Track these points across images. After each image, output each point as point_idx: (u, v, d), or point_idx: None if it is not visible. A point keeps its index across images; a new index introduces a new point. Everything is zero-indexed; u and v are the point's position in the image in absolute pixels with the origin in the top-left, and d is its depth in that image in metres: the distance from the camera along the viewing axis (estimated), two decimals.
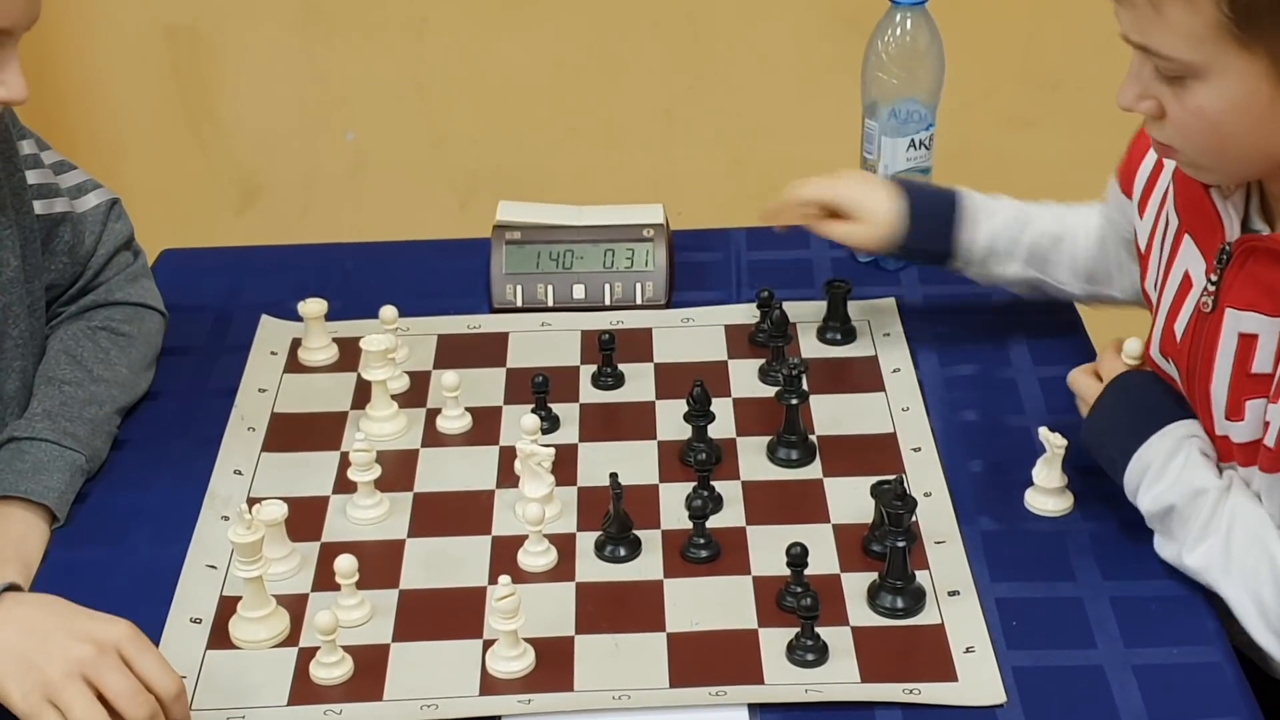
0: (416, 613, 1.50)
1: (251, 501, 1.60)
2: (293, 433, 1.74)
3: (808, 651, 1.43)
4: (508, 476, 1.67)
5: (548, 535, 1.56)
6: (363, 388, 1.79)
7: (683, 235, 2.03)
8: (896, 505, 1.50)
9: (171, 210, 2.99)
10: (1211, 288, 1.49)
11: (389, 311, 1.84)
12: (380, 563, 1.56)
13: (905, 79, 1.91)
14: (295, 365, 1.85)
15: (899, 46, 1.90)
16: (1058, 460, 1.59)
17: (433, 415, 1.76)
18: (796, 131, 3.08)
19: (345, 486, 1.64)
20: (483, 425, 1.75)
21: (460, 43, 3.05)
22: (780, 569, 1.49)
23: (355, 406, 1.78)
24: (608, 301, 1.94)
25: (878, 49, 1.91)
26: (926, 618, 1.48)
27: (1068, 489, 1.60)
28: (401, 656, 1.46)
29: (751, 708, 1.39)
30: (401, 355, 1.84)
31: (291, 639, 1.48)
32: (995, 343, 1.85)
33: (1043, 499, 1.60)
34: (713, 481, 1.60)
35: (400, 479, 1.67)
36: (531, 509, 1.54)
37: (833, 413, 1.74)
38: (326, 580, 1.51)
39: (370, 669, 1.44)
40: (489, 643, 1.45)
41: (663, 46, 3.04)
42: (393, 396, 1.76)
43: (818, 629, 1.43)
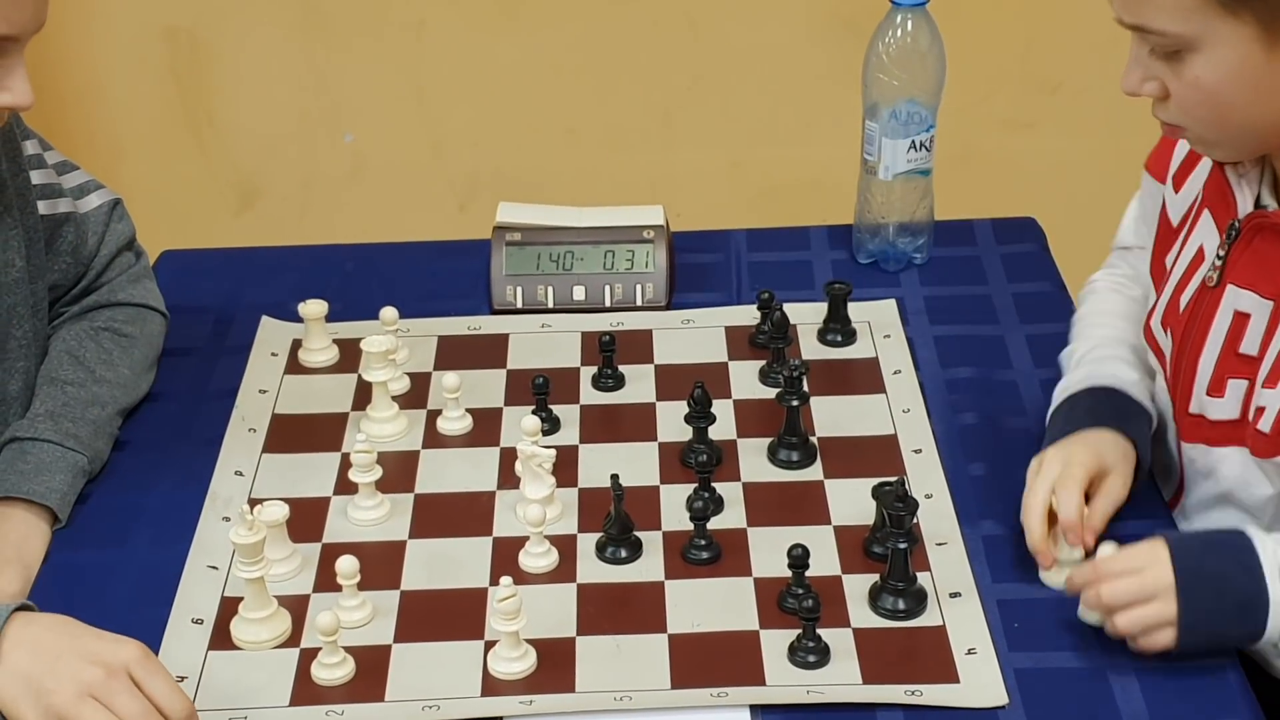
0: (418, 614, 1.50)
1: (253, 502, 1.60)
2: (294, 434, 1.74)
3: (809, 653, 1.43)
4: (509, 478, 1.66)
5: (549, 536, 1.56)
6: (363, 389, 1.79)
7: (683, 236, 2.03)
8: (898, 507, 1.50)
9: (170, 212, 2.99)
10: (1219, 262, 1.51)
11: (389, 313, 1.84)
12: (381, 564, 1.56)
13: (906, 80, 1.90)
14: (296, 366, 1.85)
15: (900, 47, 1.89)
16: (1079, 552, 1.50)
17: (433, 416, 1.76)
18: (795, 133, 3.08)
19: (346, 487, 1.64)
20: (483, 427, 1.75)
21: (459, 44, 3.05)
22: (781, 570, 1.49)
23: (356, 408, 1.78)
24: (608, 303, 1.94)
25: (879, 50, 1.90)
26: (928, 619, 1.48)
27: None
28: (403, 657, 1.46)
29: (753, 709, 1.39)
30: (402, 356, 1.84)
31: (293, 640, 1.48)
32: (996, 345, 1.85)
33: (1052, 573, 1.50)
34: (713, 483, 1.61)
35: (401, 480, 1.67)
36: (532, 510, 1.54)
37: (833, 414, 1.74)
38: (328, 581, 1.51)
39: (372, 670, 1.44)
40: (490, 644, 1.45)
41: (662, 48, 3.04)
42: (393, 398, 1.76)
43: (819, 630, 1.43)
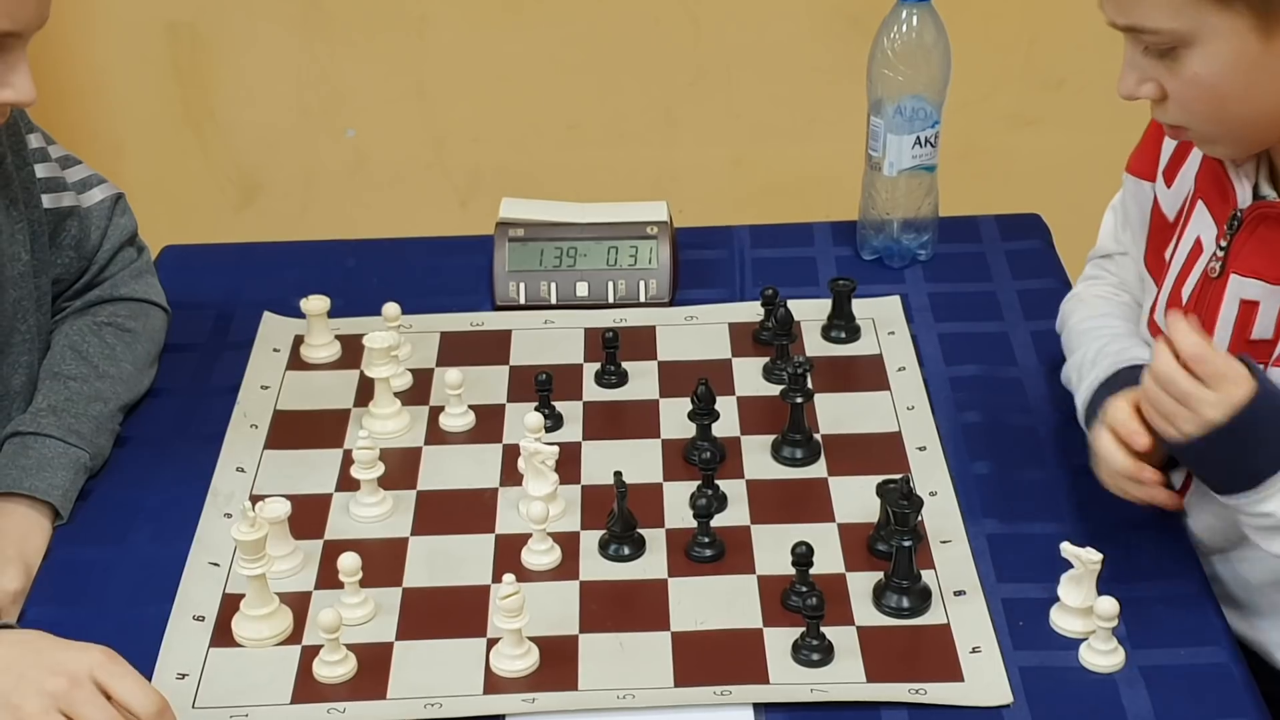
0: (420, 611, 1.50)
1: (254, 499, 1.59)
2: (295, 430, 1.74)
3: (813, 651, 1.42)
4: (511, 474, 1.66)
5: (551, 534, 1.56)
6: (365, 385, 1.78)
7: (686, 233, 2.03)
8: (902, 505, 1.50)
9: (172, 207, 2.98)
10: (1220, 253, 1.51)
11: (392, 309, 1.83)
12: (383, 561, 1.55)
13: (911, 75, 1.90)
14: (298, 362, 1.85)
15: (905, 43, 1.89)
16: (1091, 577, 1.44)
17: (436, 413, 1.75)
18: (798, 129, 3.08)
19: (348, 484, 1.64)
20: (486, 423, 1.74)
21: (461, 40, 3.04)
22: (785, 568, 1.49)
23: (358, 404, 1.77)
24: (611, 299, 1.93)
25: (884, 45, 1.90)
26: (932, 617, 1.47)
27: (1093, 610, 1.42)
28: (405, 655, 1.45)
29: (756, 707, 1.39)
30: (404, 352, 1.83)
31: (294, 637, 1.48)
32: (1000, 342, 1.85)
33: (1070, 619, 1.46)
34: (717, 480, 1.60)
35: (403, 477, 1.66)
36: (535, 507, 1.53)
37: (837, 411, 1.74)
38: (330, 578, 1.51)
39: (374, 667, 1.44)
40: (493, 641, 1.45)
41: (665, 43, 3.04)
42: (396, 394, 1.75)
43: (823, 628, 1.42)
